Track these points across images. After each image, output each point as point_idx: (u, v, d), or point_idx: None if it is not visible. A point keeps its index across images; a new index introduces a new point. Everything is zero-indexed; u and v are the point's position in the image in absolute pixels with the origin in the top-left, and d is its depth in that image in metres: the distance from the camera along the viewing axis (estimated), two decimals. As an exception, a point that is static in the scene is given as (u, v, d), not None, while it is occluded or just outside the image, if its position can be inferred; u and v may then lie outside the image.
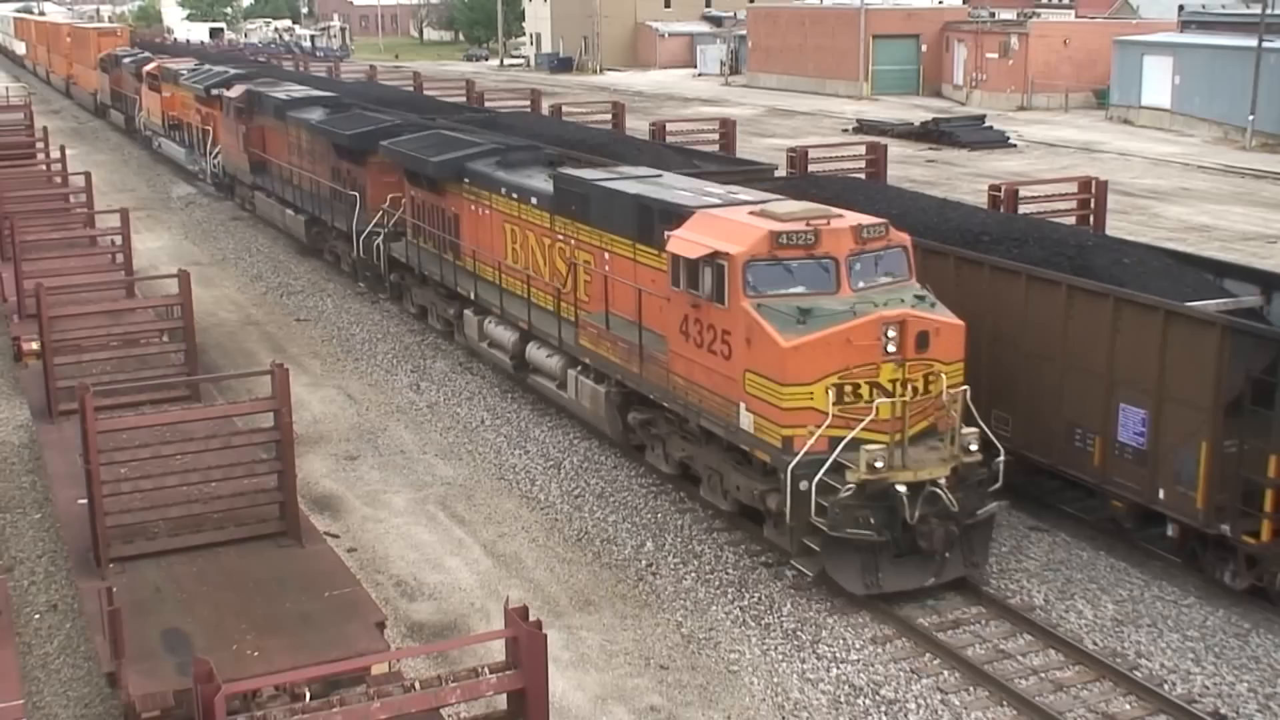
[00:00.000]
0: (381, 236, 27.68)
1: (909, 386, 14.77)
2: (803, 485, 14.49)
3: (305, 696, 9.89)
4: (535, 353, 21.15)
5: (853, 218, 15.81)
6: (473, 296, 23.29)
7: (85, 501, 13.35)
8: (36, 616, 15.12)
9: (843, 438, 14.47)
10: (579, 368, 19.75)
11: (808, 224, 15.32)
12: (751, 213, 16.16)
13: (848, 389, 14.62)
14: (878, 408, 14.49)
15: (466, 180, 23.21)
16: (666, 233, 16.51)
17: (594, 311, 19.00)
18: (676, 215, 16.90)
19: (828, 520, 14.43)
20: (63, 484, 15.14)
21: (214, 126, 42.01)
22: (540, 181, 21.28)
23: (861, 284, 15.25)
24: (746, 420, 15.34)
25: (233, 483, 13.99)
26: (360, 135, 28.38)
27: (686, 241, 16.02)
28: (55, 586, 15.85)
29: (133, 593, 12.37)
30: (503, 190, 21.99)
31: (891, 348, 14.63)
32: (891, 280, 15.54)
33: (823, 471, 14.40)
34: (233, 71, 44.45)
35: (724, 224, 16.01)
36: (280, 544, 13.65)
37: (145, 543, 13.43)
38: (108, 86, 63.92)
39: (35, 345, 19.25)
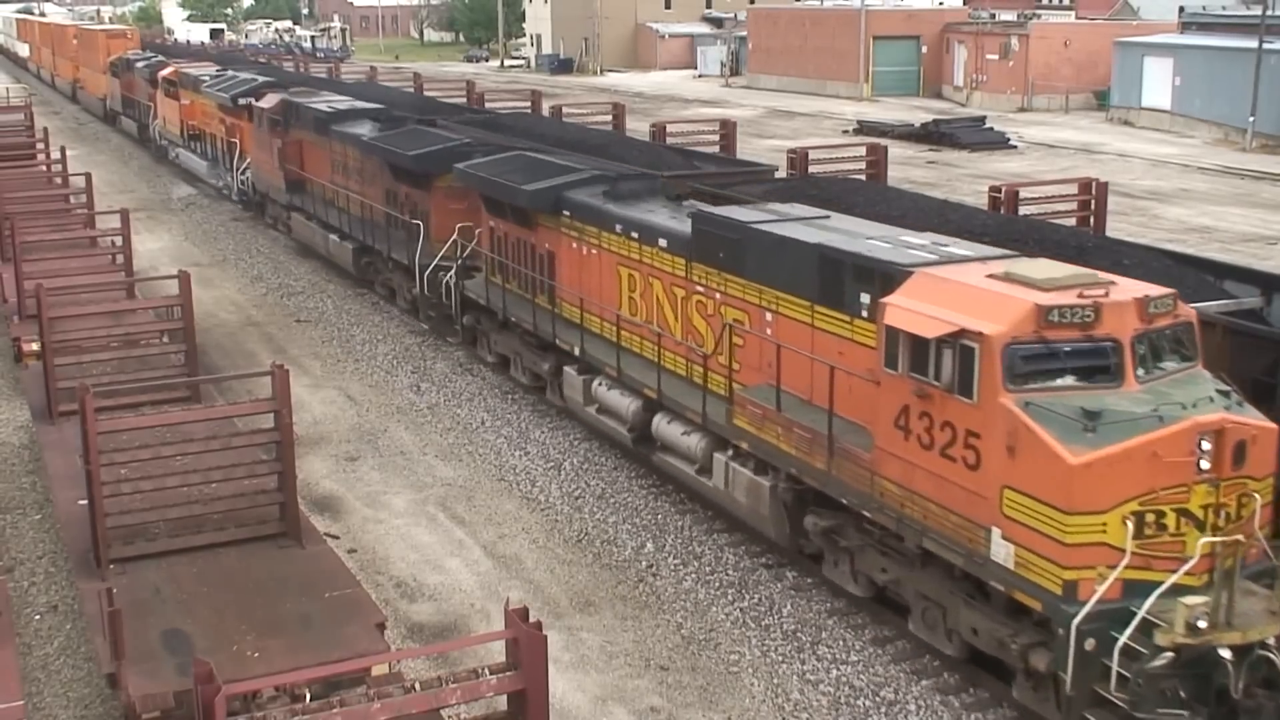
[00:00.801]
0: (452, 272, 24.39)
1: (1223, 513, 11.66)
2: (1089, 644, 11.34)
3: (305, 697, 9.88)
4: (666, 427, 17.65)
5: (1132, 286, 12.74)
6: (577, 351, 19.84)
7: (85, 502, 13.35)
8: (37, 617, 15.12)
9: (1140, 582, 11.36)
10: (730, 452, 16.13)
11: (1081, 294, 12.19)
12: (994, 276, 12.87)
13: (1149, 518, 11.45)
14: (1195, 544, 11.40)
15: (567, 213, 20.04)
16: (880, 300, 13.22)
17: (755, 385, 15.69)
18: (884, 275, 13.66)
19: (1129, 694, 11.23)
20: (63, 485, 15.14)
21: (241, 138, 38.72)
22: (667, 219, 18.18)
23: (1144, 373, 12.17)
24: (1002, 551, 11.94)
25: (233, 484, 13.98)
26: (426, 156, 25.28)
27: (912, 314, 12.68)
28: (55, 587, 15.84)
29: (133, 594, 12.37)
30: (617, 228, 18.80)
31: (1206, 464, 11.52)
32: (1180, 367, 12.49)
33: (1129, 632, 11.19)
34: (262, 79, 41.10)
35: (961, 291, 12.71)
36: (280, 545, 13.65)
37: (145, 544, 13.42)
38: (118, 92, 60.30)
39: (35, 346, 19.25)
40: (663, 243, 17.81)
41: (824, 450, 14.19)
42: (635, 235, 18.41)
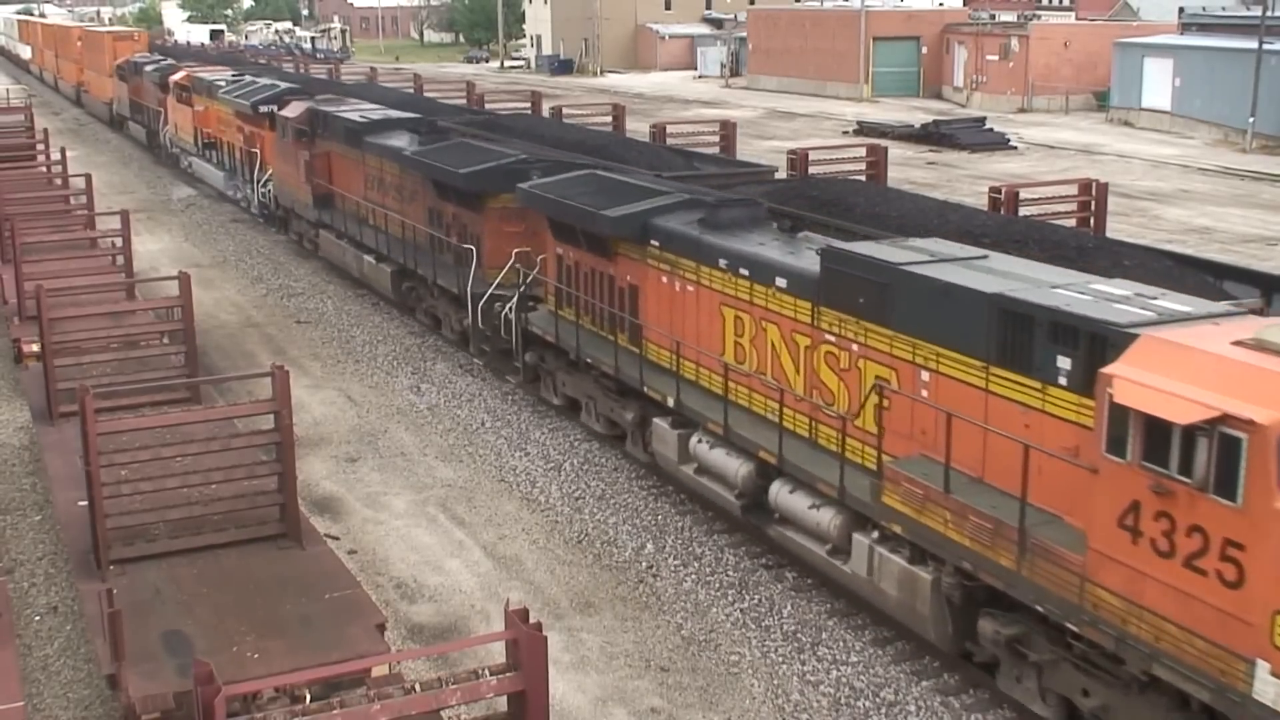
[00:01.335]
0: (511, 304, 22.14)
1: None
2: None
3: (305, 698, 9.87)
4: (788, 498, 15.25)
5: None
6: (670, 402, 17.55)
7: (85, 503, 13.34)
8: (37, 618, 15.12)
9: None
10: (875, 534, 13.82)
11: None
12: (1244, 345, 10.57)
13: None
14: None
15: (655, 243, 17.95)
16: (1101, 369, 11.01)
17: (908, 457, 13.49)
18: (1097, 337, 11.48)
19: None
20: (63, 486, 15.13)
21: (262, 149, 36.43)
22: (783, 254, 16.01)
23: None
24: (1272, 690, 9.80)
25: (233, 484, 13.98)
26: (480, 175, 23.08)
27: (1151, 391, 10.45)
28: (55, 588, 15.85)
29: (133, 595, 12.36)
30: (720, 262, 16.67)
31: None
32: None
33: None
34: (284, 85, 38.62)
35: (1208, 363, 10.48)
36: (280, 546, 13.64)
37: (146, 545, 13.42)
38: (126, 96, 57.96)
39: (36, 347, 19.24)
40: (781, 282, 15.55)
41: (1011, 545, 11.75)
42: (745, 272, 16.20)
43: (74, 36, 75.16)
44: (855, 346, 14.53)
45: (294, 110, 32.74)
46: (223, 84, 41.00)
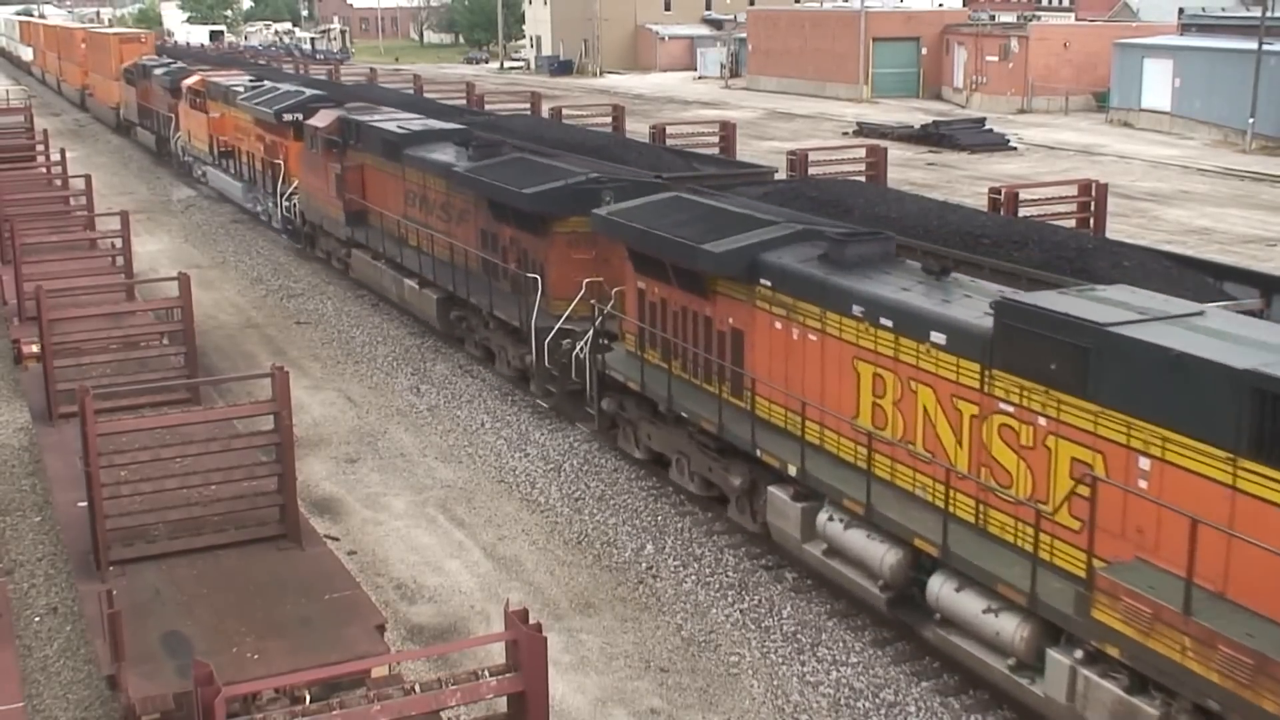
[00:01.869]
0: (584, 342, 20.02)
1: None
2: None
3: (305, 699, 9.87)
4: (954, 597, 12.90)
5: None
6: (790, 470, 15.14)
7: (85, 504, 13.34)
8: (36, 619, 15.12)
9: None
10: (1080, 654, 11.44)
11: None
12: None
13: None
14: None
15: (766, 283, 15.69)
16: None
17: (1122, 562, 11.21)
18: None
19: None
20: (62, 487, 15.12)
21: (287, 160, 34.17)
22: (938, 303, 13.60)
23: None
24: None
25: (233, 485, 13.97)
26: (547, 196, 20.88)
27: None
28: (55, 589, 15.85)
29: (133, 595, 12.36)
30: (855, 309, 14.33)
31: None
32: None
33: None
34: (309, 92, 35.82)
35: None
36: (280, 547, 13.64)
37: (145, 545, 13.41)
38: (134, 101, 55.51)
39: (35, 348, 19.23)
40: (938, 338, 13.23)
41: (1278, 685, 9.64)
42: (887, 323, 13.88)
43: (78, 38, 73.00)
44: (1042, 420, 12.07)
45: (324, 119, 30.64)
46: (241, 90, 38.81)
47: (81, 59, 71.01)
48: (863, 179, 27.87)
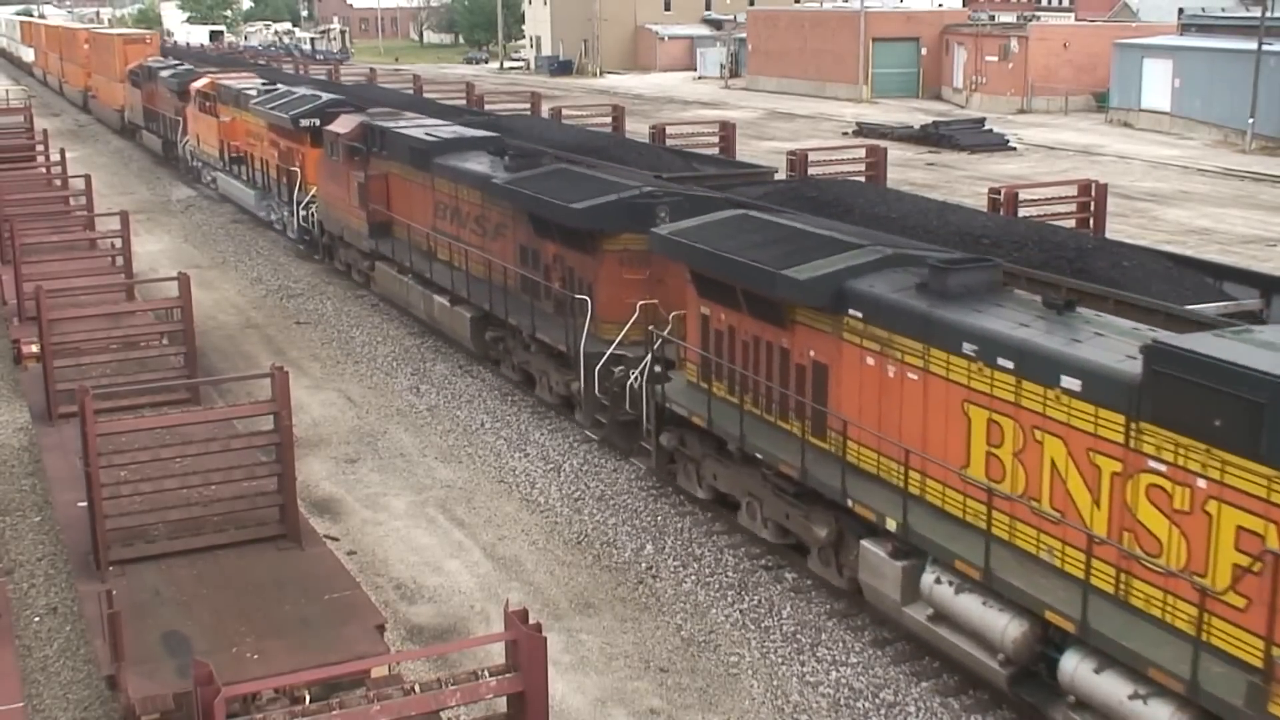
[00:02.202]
0: (641, 370, 18.43)
1: None
2: None
3: (305, 699, 9.88)
4: (1093, 679, 11.44)
5: None
6: (890, 525, 13.59)
7: (85, 504, 13.34)
8: (36, 619, 15.12)
9: None
10: None
11: None
12: None
13: None
14: None
15: (856, 313, 14.21)
16: None
17: None
18: None
19: None
20: (62, 487, 15.13)
21: (303, 167, 32.78)
22: (1065, 343, 12.14)
23: None
24: None
25: (232, 485, 13.98)
26: (599, 211, 19.29)
27: None
28: (55, 589, 15.85)
29: (132, 595, 12.37)
30: (966, 347, 12.83)
31: None
32: None
33: None
34: (326, 96, 34.31)
35: None
36: (280, 547, 13.64)
37: (145, 545, 13.42)
38: (139, 103, 54.02)
39: (35, 348, 19.24)
40: (1071, 383, 11.79)
41: None
42: (1008, 363, 12.37)
43: (81, 39, 71.65)
44: (1202, 483, 10.72)
45: (345, 125, 29.14)
46: (254, 93, 37.43)
47: (84, 60, 69.92)
48: (862, 179, 27.91)
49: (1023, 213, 23.23)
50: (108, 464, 13.29)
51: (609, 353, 19.13)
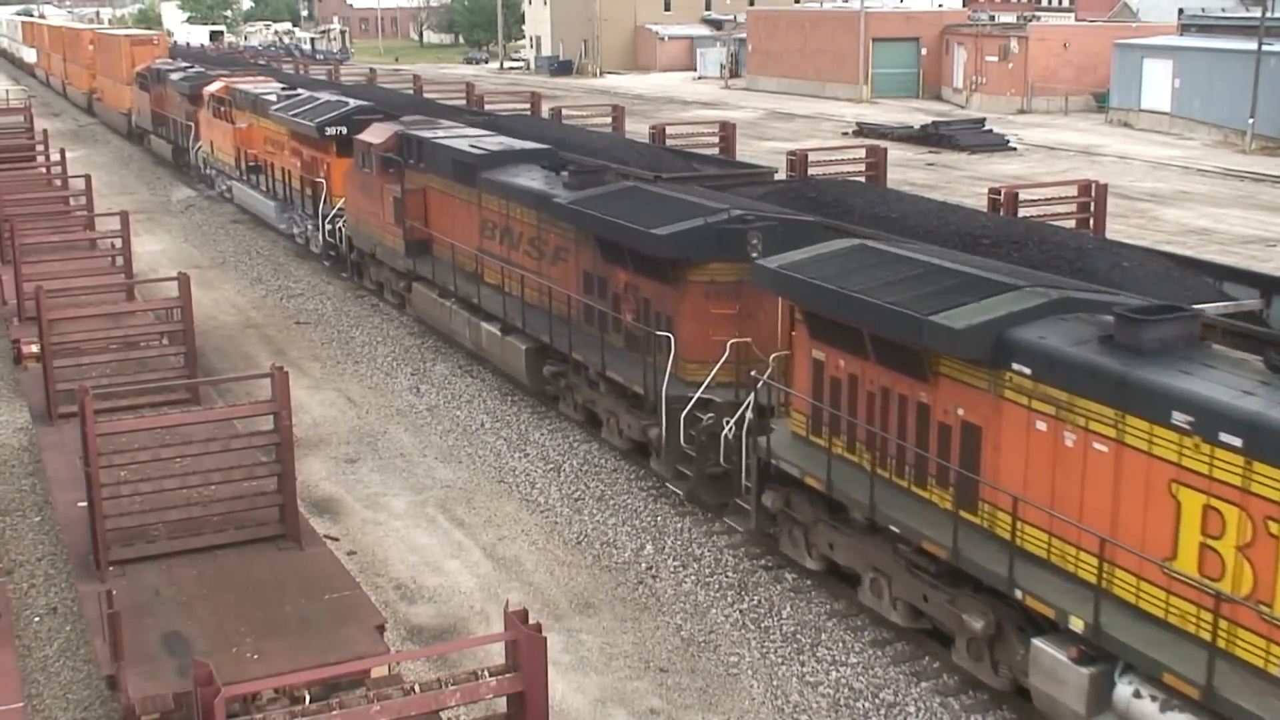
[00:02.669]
0: (737, 420, 16.22)
1: None
2: None
3: (305, 699, 9.88)
4: None
5: None
6: (1075, 626, 11.47)
7: (85, 504, 13.35)
8: (36, 619, 15.12)
9: None
10: None
11: None
12: None
13: None
14: None
15: (1021, 368, 12.23)
16: None
17: None
18: None
19: None
20: (62, 487, 15.13)
21: (329, 179, 30.90)
22: None
23: None
24: None
25: (232, 485, 13.98)
26: (685, 237, 17.14)
27: None
28: (55, 589, 15.85)
29: (132, 596, 12.37)
30: (1175, 416, 10.83)
31: None
32: None
33: None
34: (354, 103, 32.10)
35: None
36: (280, 547, 13.65)
37: (145, 545, 13.42)
38: (147, 107, 51.91)
39: (35, 348, 19.25)
40: None
41: None
42: (1234, 440, 10.39)
43: (85, 40, 69.41)
44: None
45: (378, 135, 27.15)
46: (274, 99, 35.47)
47: (89, 61, 67.98)
48: (862, 179, 27.90)
49: (1023, 213, 23.21)
50: (108, 464, 13.29)
51: (695, 397, 17.05)
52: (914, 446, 13.59)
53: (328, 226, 31.24)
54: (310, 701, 9.73)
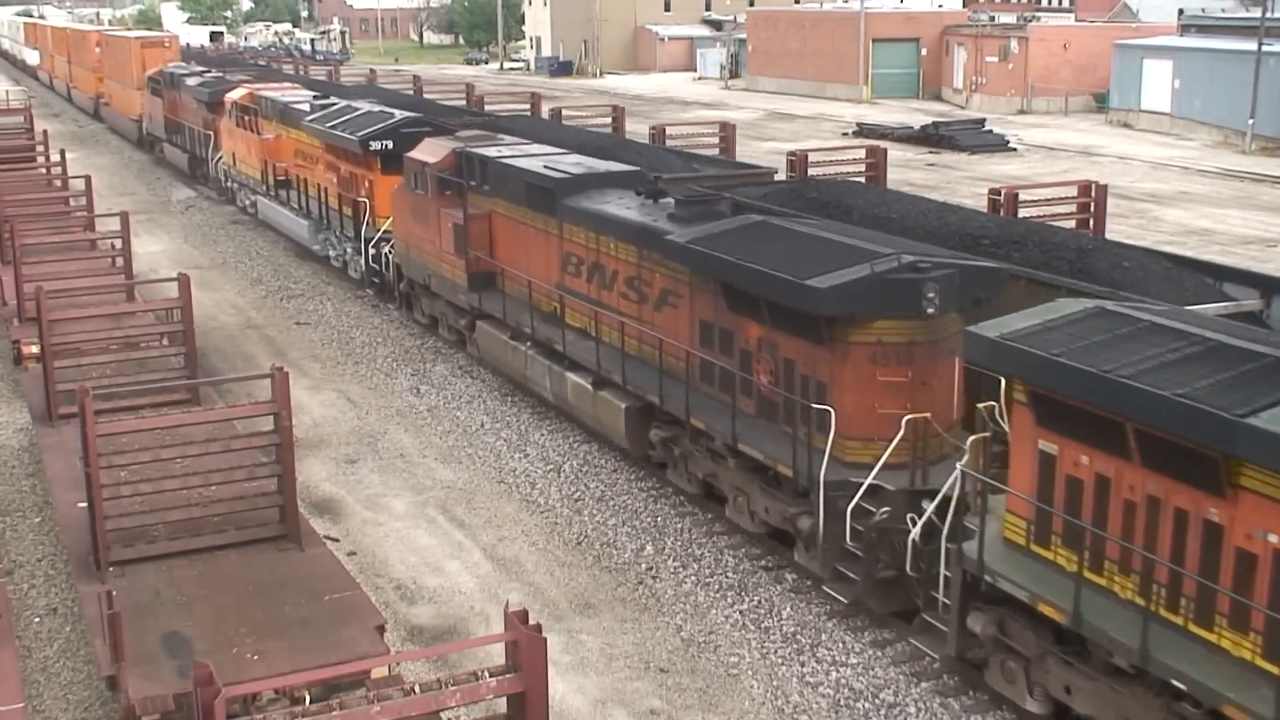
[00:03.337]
0: (921, 519, 13.40)
1: None
2: None
3: (305, 700, 9.89)
4: None
5: None
6: None
7: (85, 505, 13.36)
8: (36, 620, 15.12)
9: None
10: None
11: None
12: None
13: None
14: None
15: None
16: None
17: None
18: None
19: None
20: (63, 487, 15.14)
21: (373, 198, 28.26)
22: None
23: None
24: None
25: (232, 486, 14.00)
26: (848, 291, 14.14)
27: None
28: (55, 590, 15.85)
29: (133, 596, 12.38)
30: None
31: None
32: None
33: None
34: (400, 115, 29.45)
35: None
36: (280, 547, 13.66)
37: (145, 546, 13.44)
38: (160, 114, 48.97)
39: (35, 348, 19.26)
40: None
41: None
42: None
43: (92, 42, 66.44)
44: None
45: (433, 153, 24.35)
46: (306, 108, 32.78)
47: (95, 64, 65.17)
48: (862, 180, 27.95)
49: (1023, 213, 23.26)
50: (108, 465, 13.31)
51: (866, 483, 14.02)
52: (1197, 576, 10.62)
53: (371, 251, 28.50)
54: (310, 702, 9.74)
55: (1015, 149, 56.99)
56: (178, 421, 14.72)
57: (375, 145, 27.80)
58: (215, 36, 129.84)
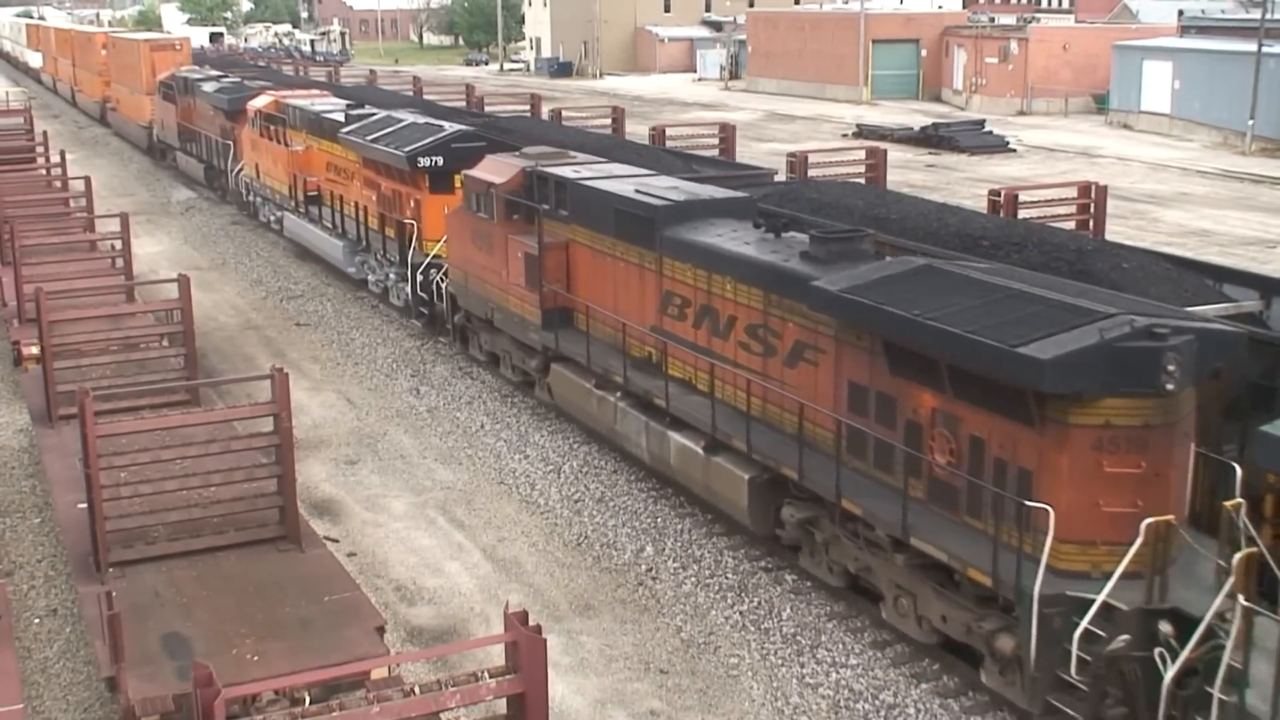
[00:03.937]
0: (1179, 654, 10.99)
1: None
2: None
3: (305, 701, 9.89)
4: None
5: None
6: None
7: (85, 506, 13.36)
8: (36, 621, 15.12)
9: None
10: None
11: None
12: None
13: None
14: None
15: None
16: None
17: None
18: None
19: None
20: (62, 488, 15.14)
21: (421, 219, 25.80)
22: None
23: None
24: None
25: (232, 487, 13.99)
26: (1071, 364, 11.45)
27: None
28: (55, 591, 15.85)
29: (132, 597, 12.38)
30: None
31: None
32: None
33: None
34: (451, 128, 26.78)
35: None
36: (280, 548, 13.65)
37: (145, 547, 13.43)
38: (173, 120, 46.43)
39: (35, 349, 19.26)
40: None
41: None
42: None
43: (98, 44, 63.85)
44: None
45: (499, 172, 21.63)
46: (340, 118, 30.10)
47: (102, 67, 62.34)
48: (862, 181, 27.95)
49: (1022, 214, 23.25)
50: (108, 465, 13.30)
51: (1100, 599, 11.33)
52: None
53: (419, 278, 25.92)
54: (310, 703, 9.73)
55: (1015, 150, 57.01)
56: (177, 422, 14.71)
57: (424, 161, 25.32)
58: (215, 37, 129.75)
